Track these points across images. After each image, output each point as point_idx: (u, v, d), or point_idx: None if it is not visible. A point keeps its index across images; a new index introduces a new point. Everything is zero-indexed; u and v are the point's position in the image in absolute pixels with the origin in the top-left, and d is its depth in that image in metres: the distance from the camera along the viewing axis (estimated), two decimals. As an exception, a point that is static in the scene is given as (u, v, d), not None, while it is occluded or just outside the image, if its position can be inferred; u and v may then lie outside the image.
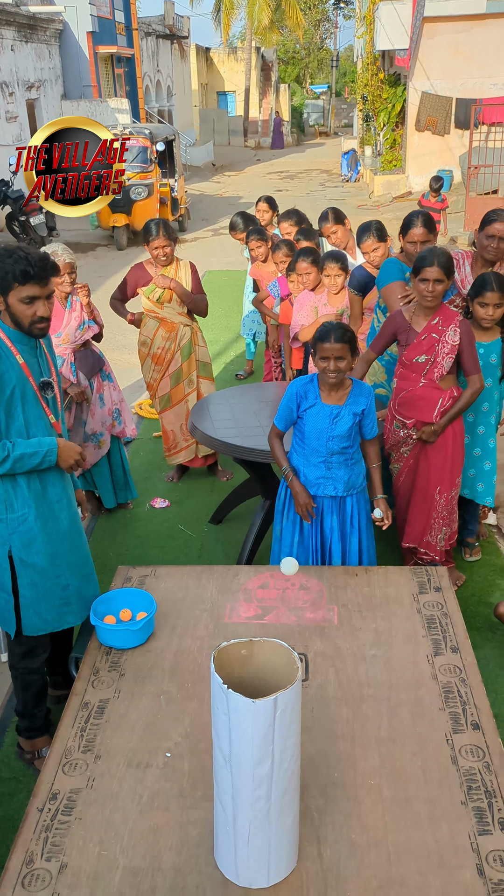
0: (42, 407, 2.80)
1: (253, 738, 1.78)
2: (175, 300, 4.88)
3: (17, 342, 2.74)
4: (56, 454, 2.78)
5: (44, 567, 2.86)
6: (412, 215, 4.03)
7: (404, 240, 4.03)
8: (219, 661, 1.91)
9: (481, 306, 3.76)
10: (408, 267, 4.08)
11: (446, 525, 3.80)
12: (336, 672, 2.67)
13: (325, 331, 3.17)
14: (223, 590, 3.13)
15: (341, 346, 3.12)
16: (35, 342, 2.80)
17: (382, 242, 4.38)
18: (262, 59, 38.31)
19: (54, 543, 2.87)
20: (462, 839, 2.07)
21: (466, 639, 2.83)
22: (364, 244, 4.40)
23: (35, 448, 2.73)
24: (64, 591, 2.94)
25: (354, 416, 3.25)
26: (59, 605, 2.94)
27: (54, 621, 2.93)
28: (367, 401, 3.27)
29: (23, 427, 2.76)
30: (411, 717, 2.47)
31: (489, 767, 2.28)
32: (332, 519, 3.41)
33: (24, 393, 2.75)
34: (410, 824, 2.12)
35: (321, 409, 3.25)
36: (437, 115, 17.26)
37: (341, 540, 3.44)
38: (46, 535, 2.84)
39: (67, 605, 2.96)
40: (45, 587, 2.89)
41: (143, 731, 2.44)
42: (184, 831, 2.11)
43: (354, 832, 2.10)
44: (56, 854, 2.06)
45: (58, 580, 2.91)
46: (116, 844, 2.08)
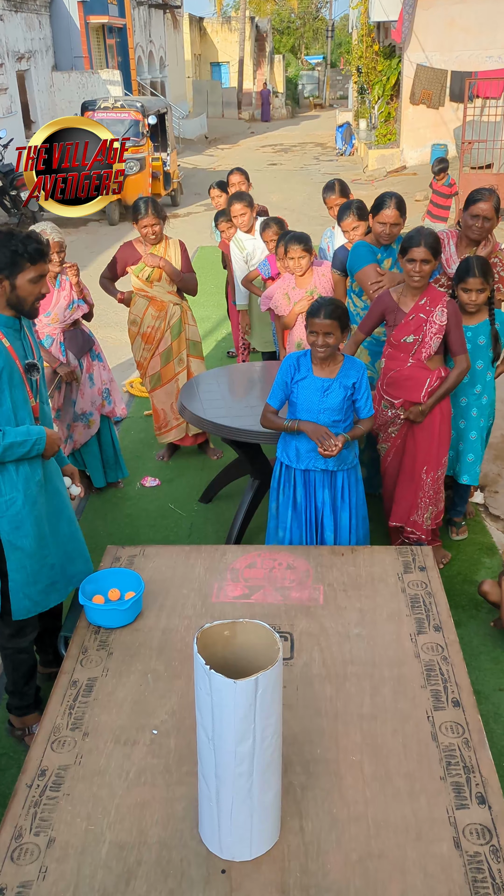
0: (26, 389, 2.81)
1: (234, 717, 1.83)
2: (164, 279, 4.87)
3: (2, 325, 2.75)
4: (44, 443, 2.81)
5: (33, 550, 2.89)
6: (384, 196, 4.02)
7: (374, 220, 4.03)
8: (202, 641, 1.95)
9: (464, 292, 3.78)
10: (377, 248, 4.08)
11: (433, 504, 3.84)
12: (321, 651, 2.71)
13: (317, 306, 3.22)
14: (211, 569, 3.17)
15: (330, 322, 3.17)
16: (19, 324, 2.81)
17: (363, 221, 4.36)
18: (256, 29, 37.78)
19: (41, 525, 2.90)
20: (440, 813, 2.13)
21: (449, 617, 2.87)
22: (344, 222, 4.39)
23: (24, 437, 2.76)
24: (51, 570, 2.97)
25: (345, 390, 3.29)
26: (46, 586, 2.97)
27: (42, 602, 2.97)
28: (357, 374, 3.30)
29: (10, 411, 2.77)
30: (393, 694, 2.52)
31: (468, 743, 2.34)
32: (323, 493, 3.45)
33: (11, 376, 2.76)
34: (390, 799, 2.17)
35: (312, 381, 3.30)
36: (432, 88, 17.09)
37: (333, 514, 3.48)
38: (34, 518, 2.87)
39: (53, 584, 3.00)
40: (33, 569, 2.91)
41: (130, 708, 2.49)
42: (169, 806, 2.16)
43: (335, 807, 2.15)
44: (44, 829, 2.11)
45: (45, 560, 2.94)
46: (103, 819, 2.13)
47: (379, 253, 4.09)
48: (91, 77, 19.77)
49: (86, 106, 14.66)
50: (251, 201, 5.61)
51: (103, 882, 1.96)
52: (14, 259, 2.66)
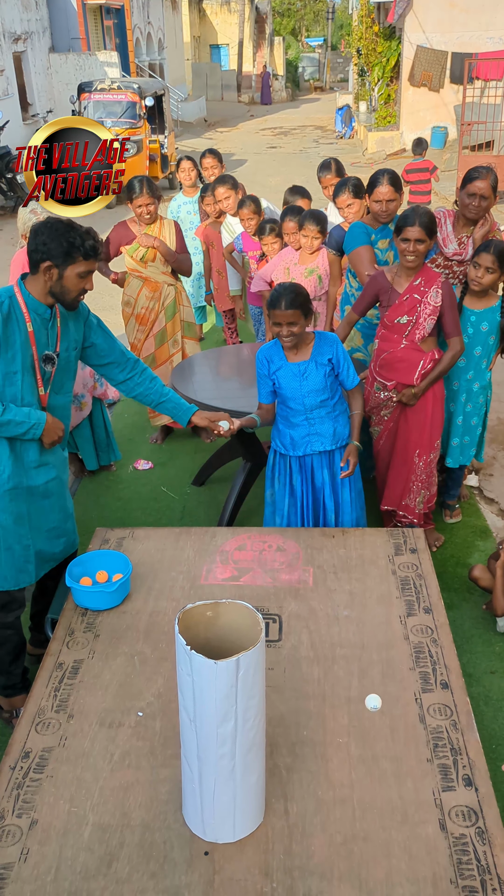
0: (36, 378, 2.80)
1: (216, 698, 1.80)
2: (159, 259, 4.82)
3: (32, 310, 2.76)
4: (41, 429, 2.81)
5: (7, 525, 2.88)
6: (378, 173, 3.97)
7: (370, 199, 3.98)
8: (184, 622, 1.92)
9: (475, 267, 3.72)
10: (373, 229, 4.02)
11: (425, 488, 3.81)
12: (309, 633, 2.69)
13: (276, 296, 3.14)
14: (200, 551, 3.14)
15: (292, 311, 3.12)
16: (51, 314, 2.79)
17: (358, 199, 4.31)
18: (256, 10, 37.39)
19: (20, 504, 2.88)
20: (426, 795, 2.11)
21: (440, 599, 2.85)
22: (339, 199, 4.34)
23: (24, 418, 2.76)
24: (25, 551, 2.95)
25: (323, 367, 3.25)
26: (17, 565, 2.95)
27: (11, 579, 2.95)
28: (331, 349, 3.26)
29: (18, 393, 2.78)
30: (382, 677, 2.50)
31: (456, 726, 2.32)
32: (322, 473, 3.42)
33: (24, 361, 2.76)
34: (376, 781, 2.15)
35: (288, 368, 3.27)
36: (432, 69, 16.92)
37: (333, 494, 3.45)
38: (15, 495, 2.85)
39: (26, 564, 2.98)
40: (6, 544, 2.90)
41: (116, 691, 2.47)
42: (153, 789, 2.14)
43: (321, 789, 2.13)
44: (27, 811, 2.09)
45: (20, 540, 2.92)
46: (87, 801, 2.11)
47: (374, 234, 4.04)
48: (88, 59, 19.58)
49: (82, 87, 14.52)
50: (234, 183, 5.59)
51: (85, 864, 1.95)
52: (69, 250, 2.69)
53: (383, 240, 4.05)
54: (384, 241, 4.05)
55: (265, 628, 1.89)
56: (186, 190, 6.50)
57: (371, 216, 4.07)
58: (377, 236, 4.04)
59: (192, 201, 6.45)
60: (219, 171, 6.17)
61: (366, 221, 4.09)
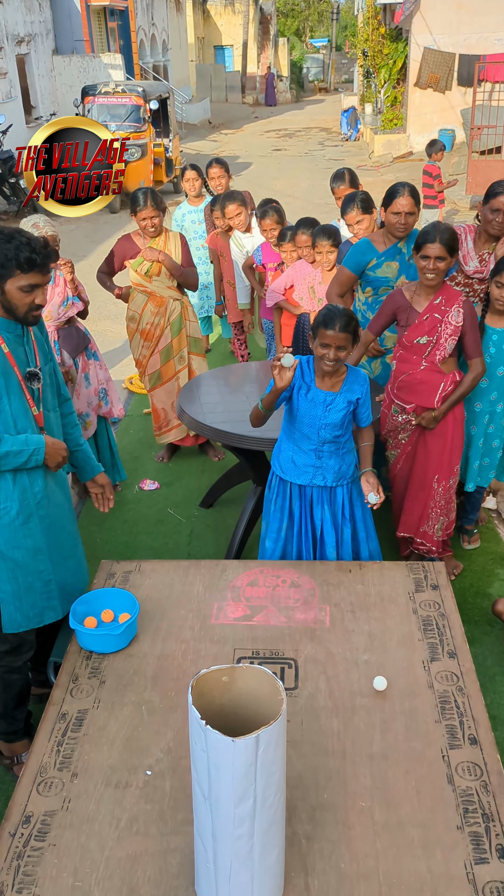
0: (26, 398, 2.65)
1: (233, 776, 1.65)
2: (164, 273, 4.67)
3: (2, 330, 2.60)
4: (43, 453, 2.66)
5: (25, 562, 2.74)
6: (397, 185, 3.81)
7: (388, 211, 3.79)
8: (198, 688, 1.77)
9: (497, 287, 3.56)
10: (378, 252, 3.86)
11: (444, 515, 3.65)
12: (327, 680, 2.54)
13: (330, 316, 2.94)
14: (210, 587, 2.99)
15: (345, 335, 2.94)
16: (23, 329, 2.64)
17: (367, 215, 4.16)
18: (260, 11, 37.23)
19: (37, 538, 2.74)
20: (457, 869, 1.96)
21: (464, 642, 2.70)
22: (348, 216, 4.19)
23: (21, 446, 2.61)
24: (46, 586, 2.81)
25: (349, 405, 3.08)
26: (40, 601, 2.81)
27: (35, 617, 2.81)
28: (362, 389, 3.10)
29: (10, 419, 2.63)
30: (405, 730, 2.35)
31: (487, 787, 2.16)
32: (322, 509, 3.26)
33: (9, 384, 2.61)
34: (403, 852, 2.00)
35: (315, 394, 3.08)
36: (439, 71, 16.74)
37: (334, 530, 3.29)
38: (29, 530, 2.71)
39: (49, 601, 2.83)
40: (26, 582, 2.76)
41: (122, 745, 2.32)
42: (163, 860, 1.99)
43: (343, 861, 1.98)
44: (28, 885, 1.94)
45: (40, 575, 2.78)
46: (92, 874, 1.96)
47: (377, 257, 3.86)
48: (92, 61, 19.44)
49: (86, 91, 14.39)
50: (244, 200, 5.46)
51: None
52: (4, 263, 2.51)
53: (389, 262, 3.88)
54: (390, 264, 3.87)
55: (280, 674, 1.74)
56: (191, 199, 6.36)
57: (384, 230, 3.90)
58: (383, 258, 3.87)
59: (198, 210, 6.30)
60: (226, 181, 6.04)
61: (377, 237, 3.92)
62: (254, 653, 2.65)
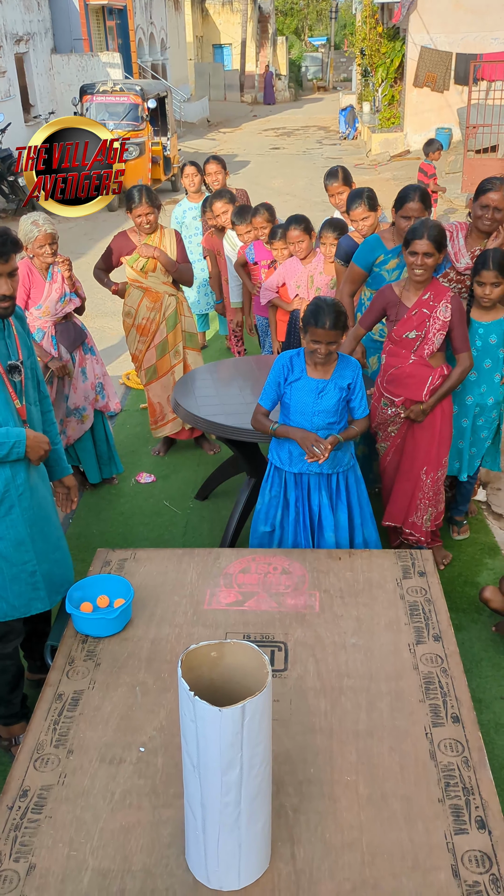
0: (8, 391, 2.70)
1: (220, 745, 1.73)
2: (159, 269, 4.75)
3: None
4: (24, 446, 2.70)
5: (8, 553, 2.80)
6: (408, 188, 3.85)
7: (398, 214, 3.84)
8: (187, 663, 1.85)
9: (479, 285, 3.64)
10: (387, 249, 3.93)
11: (432, 506, 3.73)
12: (316, 662, 2.62)
13: (318, 312, 3.01)
14: (203, 574, 3.07)
15: (335, 332, 3.03)
16: (3, 323, 2.70)
17: (373, 212, 4.23)
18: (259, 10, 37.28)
19: (19, 529, 2.80)
20: (438, 838, 2.04)
21: (449, 626, 2.77)
22: (354, 212, 4.24)
23: (3, 439, 2.65)
24: (31, 577, 2.87)
25: (340, 391, 3.17)
26: (26, 591, 2.88)
27: (22, 607, 2.88)
28: (353, 374, 3.18)
29: None
30: (390, 710, 2.42)
31: (468, 763, 2.24)
32: (319, 495, 3.34)
33: None
34: (386, 823, 2.08)
35: (306, 382, 3.17)
36: (436, 70, 16.81)
37: (332, 514, 3.37)
38: (11, 521, 2.77)
39: (36, 591, 2.90)
40: (10, 573, 2.82)
41: (117, 724, 2.39)
42: (155, 831, 2.07)
43: (329, 832, 2.06)
44: (25, 854, 2.02)
45: (24, 566, 2.85)
46: (86, 844, 2.04)
47: (384, 254, 3.93)
48: (91, 60, 19.50)
49: (84, 90, 14.45)
50: (232, 197, 5.54)
51: (84, 913, 1.88)
52: None
53: (394, 259, 3.96)
54: (394, 262, 3.94)
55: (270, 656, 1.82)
56: (191, 196, 6.43)
57: (395, 230, 3.94)
58: (389, 256, 3.94)
59: (198, 206, 6.38)
60: (222, 178, 6.11)
61: (387, 234, 3.98)
62: (245, 636, 2.73)
